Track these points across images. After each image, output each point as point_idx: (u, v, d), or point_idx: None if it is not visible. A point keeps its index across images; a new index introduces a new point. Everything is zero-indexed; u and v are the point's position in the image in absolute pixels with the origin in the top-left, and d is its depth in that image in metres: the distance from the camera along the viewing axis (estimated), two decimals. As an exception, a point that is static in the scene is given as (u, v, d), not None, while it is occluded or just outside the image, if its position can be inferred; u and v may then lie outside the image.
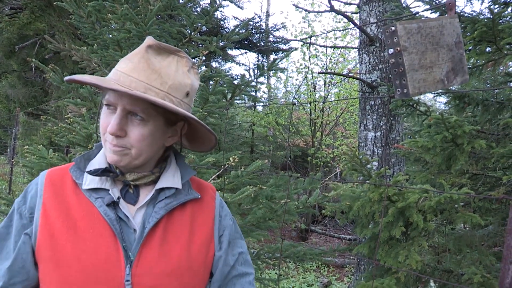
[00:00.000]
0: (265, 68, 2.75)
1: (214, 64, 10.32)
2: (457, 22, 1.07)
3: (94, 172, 0.96)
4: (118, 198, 0.96)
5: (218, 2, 2.88)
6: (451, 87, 1.08)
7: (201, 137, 1.13)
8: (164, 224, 0.98)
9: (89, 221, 0.93)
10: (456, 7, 1.15)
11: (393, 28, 0.96)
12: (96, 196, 0.95)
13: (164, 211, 0.97)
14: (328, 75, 9.59)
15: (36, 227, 0.93)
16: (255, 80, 2.93)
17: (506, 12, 2.48)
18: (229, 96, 2.82)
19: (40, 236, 0.92)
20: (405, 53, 0.97)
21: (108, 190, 0.97)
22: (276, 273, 6.08)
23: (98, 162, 1.00)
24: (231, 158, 2.01)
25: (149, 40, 0.97)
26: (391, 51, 0.99)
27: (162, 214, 0.97)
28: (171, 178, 1.03)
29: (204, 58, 2.70)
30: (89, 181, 0.97)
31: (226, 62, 10.60)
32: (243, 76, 2.66)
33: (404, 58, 0.97)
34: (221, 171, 2.14)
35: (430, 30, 1.01)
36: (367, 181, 2.45)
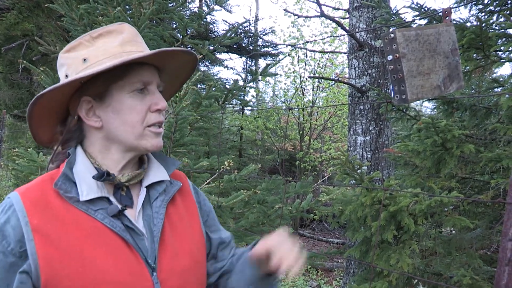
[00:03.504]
0: (258, 73, 2.76)
1: (202, 68, 10.29)
2: (453, 29, 1.10)
3: (101, 177, 0.87)
4: (125, 206, 0.89)
5: (211, 6, 2.89)
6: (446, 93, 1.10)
7: (172, 74, 1.07)
8: (167, 223, 0.94)
9: (97, 238, 0.84)
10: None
11: (392, 35, 0.98)
12: (95, 208, 0.85)
13: (163, 209, 0.94)
14: (317, 80, 9.67)
15: (35, 261, 0.79)
16: (246, 85, 2.95)
17: (492, 21, 2.55)
18: (221, 101, 2.83)
19: (45, 270, 0.79)
20: (403, 60, 0.99)
21: (107, 198, 0.88)
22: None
23: (85, 168, 0.90)
24: (226, 162, 2.01)
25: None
26: (390, 57, 1.01)
27: (163, 213, 0.93)
28: (157, 172, 0.98)
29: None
30: (87, 192, 0.86)
31: (214, 66, 10.59)
32: (236, 81, 2.67)
33: (403, 64, 0.99)
34: (216, 175, 2.14)
35: (427, 38, 1.04)
36: (360, 185, 2.48)
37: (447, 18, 1.13)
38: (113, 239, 0.85)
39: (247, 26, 9.90)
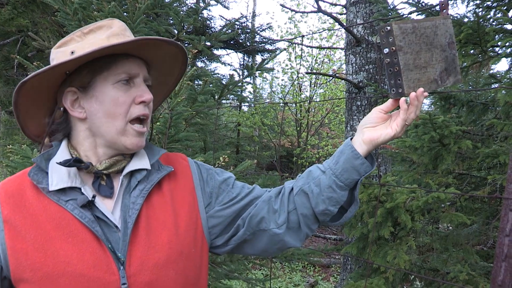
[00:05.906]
0: (254, 68, 2.74)
1: (199, 64, 10.24)
2: (450, 22, 1.08)
3: (66, 163, 0.85)
4: (94, 196, 0.87)
5: (207, 1, 2.86)
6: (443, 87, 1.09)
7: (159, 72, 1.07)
8: (145, 213, 0.90)
9: (64, 229, 0.83)
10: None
11: (388, 27, 0.97)
12: (65, 199, 0.85)
13: (141, 199, 0.90)
14: (314, 76, 9.65)
15: (4, 251, 0.82)
16: (243, 80, 2.93)
17: (489, 16, 2.53)
18: (217, 96, 2.81)
19: (12, 259, 0.82)
20: (400, 53, 0.97)
21: (80, 189, 0.87)
22: (262, 273, 6.09)
23: (61, 158, 0.89)
24: (221, 158, 1.99)
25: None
26: (386, 50, 0.99)
27: (141, 203, 0.90)
28: (138, 161, 0.95)
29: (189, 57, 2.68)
30: (57, 181, 0.86)
31: (211, 62, 10.53)
32: (232, 76, 2.65)
33: (400, 57, 0.97)
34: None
35: (424, 30, 1.02)
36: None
37: (444, 11, 1.11)
38: (81, 231, 0.84)
39: (244, 22, 9.85)
